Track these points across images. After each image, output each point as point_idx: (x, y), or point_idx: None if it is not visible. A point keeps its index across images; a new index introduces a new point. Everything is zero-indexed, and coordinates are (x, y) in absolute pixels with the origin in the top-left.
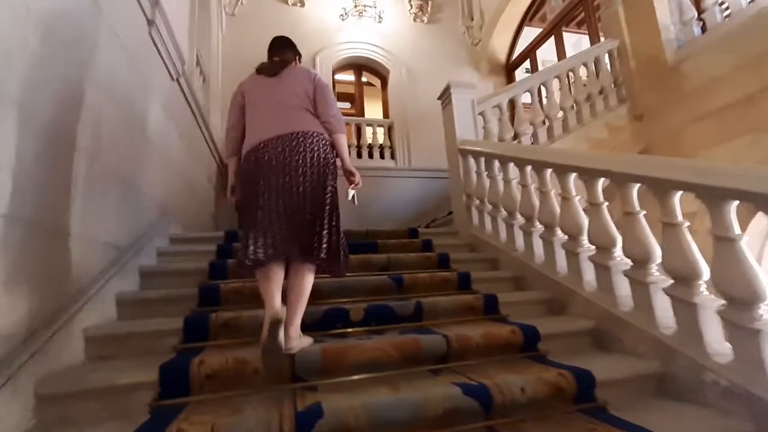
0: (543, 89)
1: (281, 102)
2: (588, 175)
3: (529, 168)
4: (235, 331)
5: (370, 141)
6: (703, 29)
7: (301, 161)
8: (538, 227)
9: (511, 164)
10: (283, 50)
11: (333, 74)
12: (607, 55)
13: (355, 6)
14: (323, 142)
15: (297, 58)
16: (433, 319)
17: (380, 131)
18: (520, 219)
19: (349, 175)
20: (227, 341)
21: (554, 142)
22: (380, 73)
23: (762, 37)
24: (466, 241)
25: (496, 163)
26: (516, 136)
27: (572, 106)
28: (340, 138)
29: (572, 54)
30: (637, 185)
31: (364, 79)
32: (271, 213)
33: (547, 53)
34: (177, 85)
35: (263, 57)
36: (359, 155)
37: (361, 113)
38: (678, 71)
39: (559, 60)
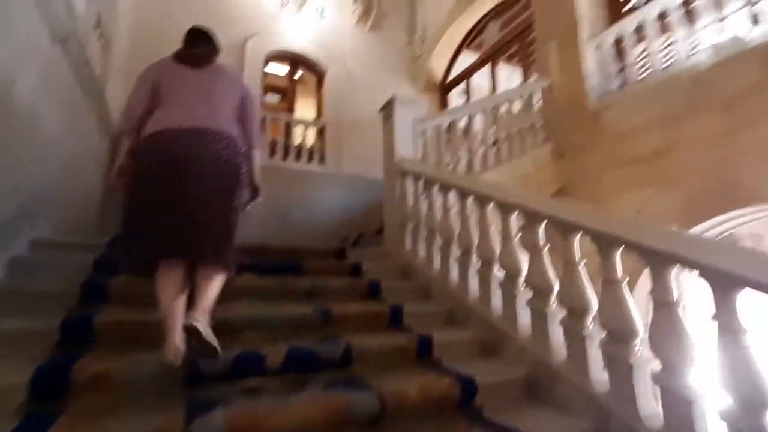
0: (481, 117)
1: (207, 96)
2: (530, 219)
3: (470, 199)
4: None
5: (299, 141)
6: (624, 83)
7: (217, 161)
8: (475, 261)
9: (453, 192)
10: (206, 45)
11: (264, 63)
12: (543, 91)
13: None
14: (242, 150)
15: (217, 54)
16: (363, 367)
17: (311, 132)
18: (456, 250)
19: (256, 189)
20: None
21: (487, 171)
22: (317, 70)
23: (670, 99)
24: (398, 265)
25: (437, 188)
26: (452, 160)
27: (505, 138)
28: (256, 152)
29: (504, 85)
30: (579, 233)
31: (299, 73)
32: (173, 208)
33: (481, 79)
34: (61, 48)
35: (180, 27)
36: (285, 155)
37: (291, 110)
38: (599, 118)
39: (492, 88)
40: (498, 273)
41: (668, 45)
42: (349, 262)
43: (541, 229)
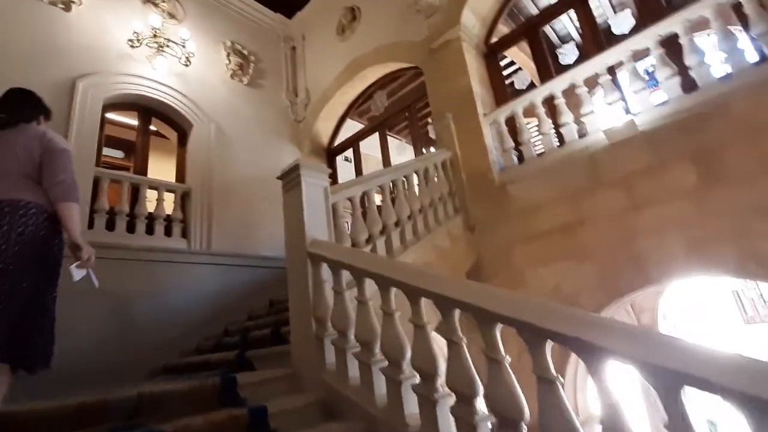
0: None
1: None
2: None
3: (423, 300)
4: None
5: (151, 211)
6: (522, 159)
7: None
8: (441, 388)
9: (394, 290)
10: (17, 107)
11: (103, 111)
12: (447, 162)
13: (155, 36)
14: (42, 216)
15: (40, 118)
16: None
17: (169, 199)
18: (409, 370)
19: (75, 249)
20: None
21: (407, 249)
22: (179, 125)
23: (574, 177)
24: (317, 395)
25: (368, 283)
26: (370, 239)
27: (419, 210)
28: (64, 208)
29: (394, 155)
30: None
31: (153, 128)
32: None
33: (368, 148)
34: None
35: None
36: (131, 229)
37: (143, 170)
38: (505, 191)
39: (383, 157)
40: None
41: (560, 125)
42: (245, 411)
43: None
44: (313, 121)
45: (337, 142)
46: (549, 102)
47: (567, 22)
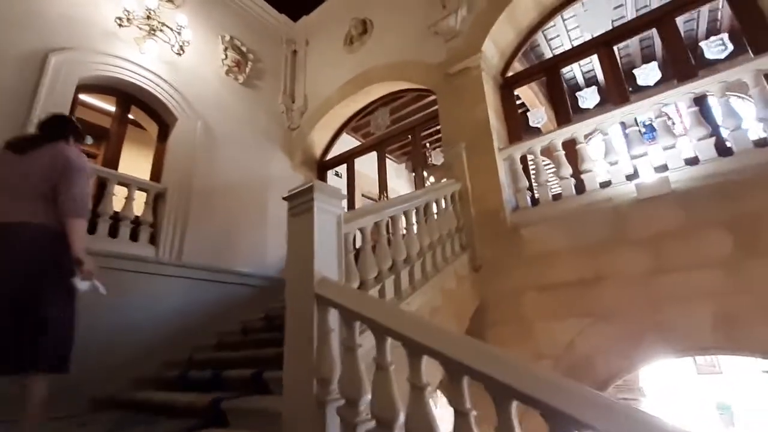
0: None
1: (13, 185)
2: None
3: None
4: None
5: (117, 209)
6: (536, 201)
7: (10, 257)
8: None
9: (426, 358)
10: (47, 129)
11: (76, 91)
12: (456, 195)
13: (148, 18)
14: (50, 235)
15: (69, 138)
16: None
17: (140, 198)
18: None
19: (78, 263)
20: None
21: (415, 291)
22: (161, 117)
23: (595, 228)
24: None
25: (390, 341)
26: (378, 277)
27: (429, 246)
28: (72, 223)
29: (393, 176)
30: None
31: (131, 116)
32: None
33: (361, 165)
34: None
35: None
36: (92, 229)
37: (113, 162)
38: (517, 233)
39: (380, 177)
40: None
41: (582, 172)
42: None
43: None
44: (308, 130)
45: (331, 155)
46: (569, 145)
47: (587, 65)
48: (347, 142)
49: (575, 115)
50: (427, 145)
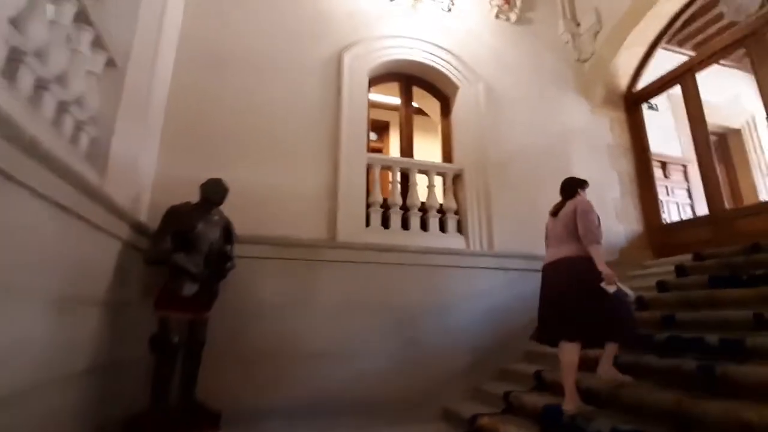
0: None
1: (553, 235)
2: None
3: None
4: None
5: (423, 200)
6: None
7: (563, 277)
8: None
9: None
10: (568, 190)
11: (369, 86)
12: None
13: None
14: (582, 261)
15: (579, 191)
16: None
17: (438, 183)
18: None
19: (600, 274)
20: None
21: None
22: (441, 91)
23: None
24: None
25: None
26: None
27: None
28: (591, 249)
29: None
30: None
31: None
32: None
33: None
34: None
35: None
36: (405, 225)
37: (408, 150)
38: None
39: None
40: None
41: None
42: None
43: None
44: (609, 53)
45: (643, 82)
46: None
47: None
48: (667, 61)
49: None
50: None
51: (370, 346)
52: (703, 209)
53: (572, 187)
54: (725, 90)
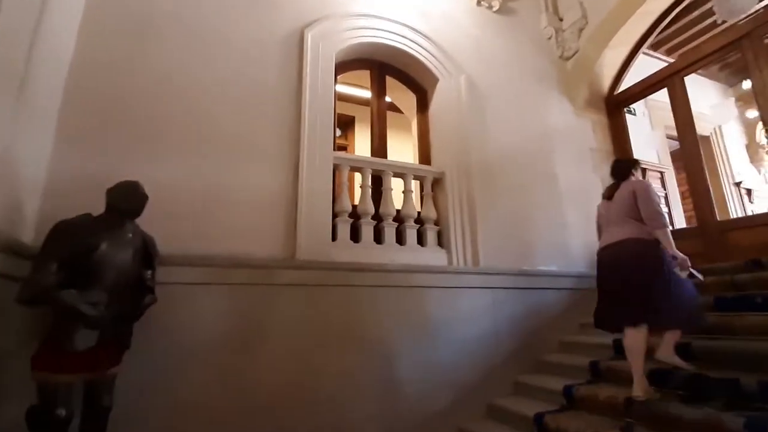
0: None
1: (610, 219)
2: None
3: None
4: None
5: (398, 208)
6: None
7: (626, 260)
8: None
9: None
10: (619, 174)
11: (336, 73)
12: None
13: None
14: (643, 243)
15: (633, 172)
16: None
17: (415, 188)
18: None
19: (674, 259)
20: None
21: None
22: (418, 83)
23: None
24: None
25: None
26: None
27: None
28: (658, 234)
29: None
30: None
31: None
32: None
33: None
34: None
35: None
36: (378, 239)
37: (381, 150)
38: None
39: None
40: None
41: None
42: None
43: None
44: (595, 52)
45: (624, 84)
46: None
47: None
48: (642, 68)
49: None
50: None
51: (340, 392)
52: (680, 218)
53: (626, 168)
54: (698, 100)
